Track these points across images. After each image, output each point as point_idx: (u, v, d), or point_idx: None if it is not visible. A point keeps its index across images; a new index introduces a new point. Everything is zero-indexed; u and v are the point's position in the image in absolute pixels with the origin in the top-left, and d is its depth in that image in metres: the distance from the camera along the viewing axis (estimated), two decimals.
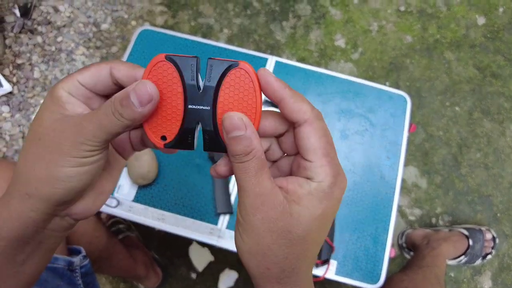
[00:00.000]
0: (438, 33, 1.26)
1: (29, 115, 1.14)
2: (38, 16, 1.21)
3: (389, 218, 0.75)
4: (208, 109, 0.25)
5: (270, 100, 0.29)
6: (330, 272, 0.71)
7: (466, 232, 0.99)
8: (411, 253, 1.03)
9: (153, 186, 0.74)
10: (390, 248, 0.73)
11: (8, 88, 1.13)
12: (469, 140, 1.16)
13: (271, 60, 0.84)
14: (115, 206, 0.73)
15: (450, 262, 1.00)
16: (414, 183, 1.12)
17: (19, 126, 1.13)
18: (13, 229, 0.25)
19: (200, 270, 1.04)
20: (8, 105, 1.14)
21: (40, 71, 1.17)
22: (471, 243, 0.97)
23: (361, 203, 0.75)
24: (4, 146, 1.11)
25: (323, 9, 1.27)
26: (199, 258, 1.04)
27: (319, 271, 0.71)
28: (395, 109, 0.82)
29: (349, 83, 0.83)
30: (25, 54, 1.18)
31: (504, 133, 1.16)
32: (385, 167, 0.78)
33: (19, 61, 1.17)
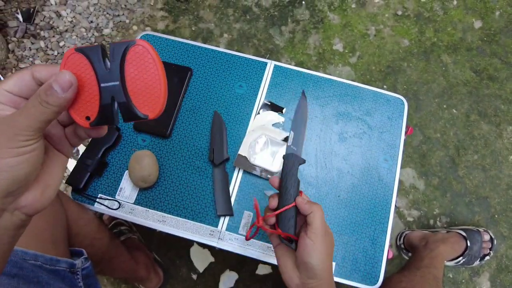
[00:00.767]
0: (435, 37, 1.28)
1: None
2: (41, 21, 1.23)
3: (387, 220, 0.76)
4: (118, 83, 0.29)
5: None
6: None
7: (464, 234, 1.00)
8: (410, 254, 1.03)
9: (154, 189, 0.75)
10: (388, 250, 0.74)
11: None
12: (466, 142, 1.17)
13: (270, 64, 0.85)
14: (116, 208, 0.74)
15: (448, 263, 1.01)
16: (412, 185, 1.13)
17: None
18: None
19: (201, 271, 1.05)
20: None
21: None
22: (469, 244, 0.98)
23: (359, 205, 0.76)
24: None
25: (322, 14, 1.29)
26: (200, 259, 1.05)
27: None
28: (392, 112, 0.83)
29: (347, 86, 0.84)
30: (28, 59, 1.20)
31: (501, 135, 1.18)
32: (383, 169, 0.79)
33: (22, 66, 1.19)
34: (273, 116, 0.81)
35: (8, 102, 0.28)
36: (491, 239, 1.02)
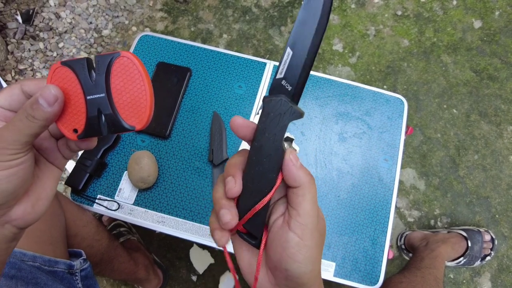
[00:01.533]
0: (435, 37, 1.27)
1: None
2: (40, 22, 1.23)
3: (387, 220, 0.75)
4: (103, 95, 0.29)
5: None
6: (329, 273, 0.72)
7: (464, 234, 0.99)
8: (410, 255, 1.03)
9: (153, 190, 0.75)
10: (388, 250, 0.74)
11: None
12: (467, 142, 1.17)
13: (269, 65, 0.85)
14: (115, 209, 0.74)
15: (449, 264, 1.00)
16: (412, 185, 1.12)
17: None
18: None
19: (200, 272, 1.04)
20: None
21: (42, 77, 1.18)
22: (469, 244, 0.97)
23: (359, 205, 0.76)
24: None
25: None
26: (200, 260, 1.05)
27: None
28: (392, 112, 0.83)
29: (346, 87, 0.84)
30: (27, 60, 1.19)
31: (501, 135, 1.17)
32: (382, 169, 0.79)
33: (21, 67, 1.19)
34: None
35: None
36: (492, 239, 1.01)
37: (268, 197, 0.30)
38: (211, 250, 1.06)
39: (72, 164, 1.05)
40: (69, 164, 1.07)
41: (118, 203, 0.74)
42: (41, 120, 0.27)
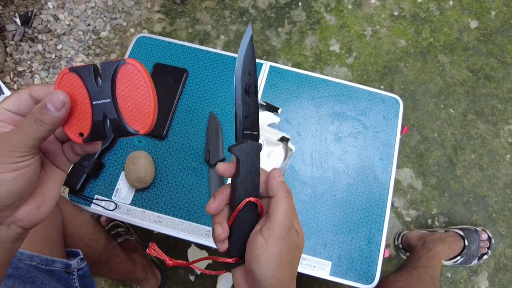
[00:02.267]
0: (431, 37, 1.28)
1: None
2: (39, 24, 1.24)
3: (383, 219, 0.76)
4: (109, 101, 0.31)
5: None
6: (325, 272, 0.72)
7: (461, 233, 1.00)
8: (408, 254, 1.03)
9: (150, 190, 0.75)
10: (384, 249, 0.74)
11: (9, 95, 1.15)
12: (464, 141, 1.17)
13: (266, 65, 0.85)
14: (113, 209, 0.74)
15: (446, 263, 1.01)
16: (409, 185, 1.13)
17: None
18: None
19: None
20: None
21: (41, 78, 1.19)
22: (466, 243, 0.98)
23: (355, 205, 0.76)
24: None
25: (318, 15, 1.29)
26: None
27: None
28: (387, 112, 0.83)
29: (342, 87, 0.84)
30: (26, 62, 1.20)
31: (498, 134, 1.18)
32: (378, 168, 0.79)
33: (20, 69, 1.19)
34: (269, 117, 0.81)
35: (7, 119, 0.30)
36: (489, 238, 1.01)
37: (235, 213, 0.34)
38: (209, 250, 1.06)
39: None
40: None
41: (115, 203, 0.74)
42: (49, 124, 0.28)
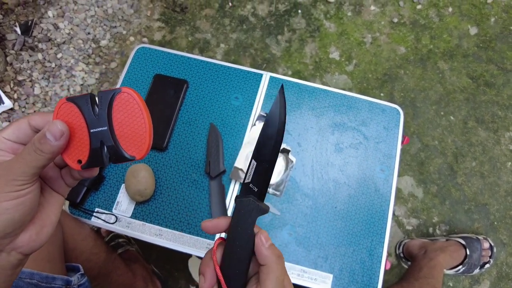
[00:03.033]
0: (431, 44, 1.28)
1: None
2: (39, 33, 1.24)
3: (384, 231, 0.75)
4: (106, 128, 0.32)
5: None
6: (326, 285, 0.72)
7: (463, 242, 0.99)
8: (409, 263, 1.03)
9: (151, 203, 0.75)
10: (386, 261, 0.74)
11: (9, 104, 1.15)
12: (465, 149, 1.17)
13: (266, 76, 0.85)
14: (113, 223, 0.74)
15: (448, 272, 1.00)
16: (410, 193, 1.12)
17: None
18: None
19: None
20: (9, 121, 1.15)
21: (41, 87, 1.19)
22: (468, 252, 0.97)
23: (356, 216, 0.76)
24: None
25: (318, 23, 1.29)
26: (198, 271, 1.05)
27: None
28: (388, 122, 0.83)
29: (342, 97, 0.84)
30: (26, 71, 1.20)
31: (499, 142, 1.18)
32: (379, 179, 0.79)
33: (20, 78, 1.19)
34: None
35: (7, 148, 0.30)
36: (491, 247, 1.01)
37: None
38: None
39: None
40: None
41: (116, 216, 0.74)
42: (48, 153, 0.29)
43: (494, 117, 1.20)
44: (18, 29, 1.23)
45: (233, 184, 0.77)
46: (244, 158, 0.77)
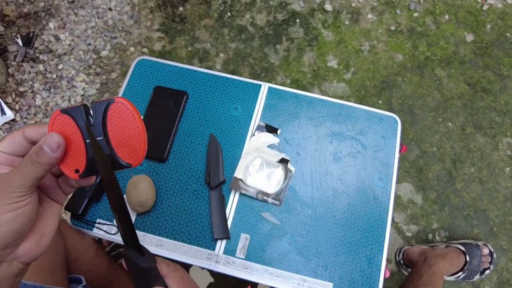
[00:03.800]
0: (428, 51, 1.29)
1: None
2: (40, 45, 1.26)
3: (383, 239, 0.76)
4: (101, 138, 0.33)
5: None
6: None
7: (463, 248, 1.00)
8: (409, 270, 1.03)
9: (151, 213, 0.76)
10: (385, 269, 0.74)
11: (10, 115, 1.17)
12: (463, 155, 1.18)
13: (264, 87, 0.87)
14: (115, 233, 0.75)
15: (448, 278, 1.01)
16: (409, 200, 1.13)
17: None
18: None
19: None
20: None
21: (42, 98, 1.21)
22: (468, 259, 0.98)
23: (355, 225, 0.77)
24: None
25: (316, 31, 1.31)
26: (199, 279, 1.05)
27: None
28: (385, 131, 0.84)
29: (340, 106, 0.85)
30: (28, 82, 1.22)
31: (497, 147, 1.18)
32: (378, 188, 0.79)
33: (22, 89, 1.21)
34: (268, 137, 0.82)
35: (4, 161, 0.31)
36: (491, 253, 1.01)
37: None
38: (210, 271, 1.06)
39: None
40: None
41: (117, 227, 0.75)
42: (45, 165, 0.30)
43: (491, 123, 1.21)
44: (19, 41, 1.25)
45: (233, 194, 0.77)
46: (243, 168, 0.78)
